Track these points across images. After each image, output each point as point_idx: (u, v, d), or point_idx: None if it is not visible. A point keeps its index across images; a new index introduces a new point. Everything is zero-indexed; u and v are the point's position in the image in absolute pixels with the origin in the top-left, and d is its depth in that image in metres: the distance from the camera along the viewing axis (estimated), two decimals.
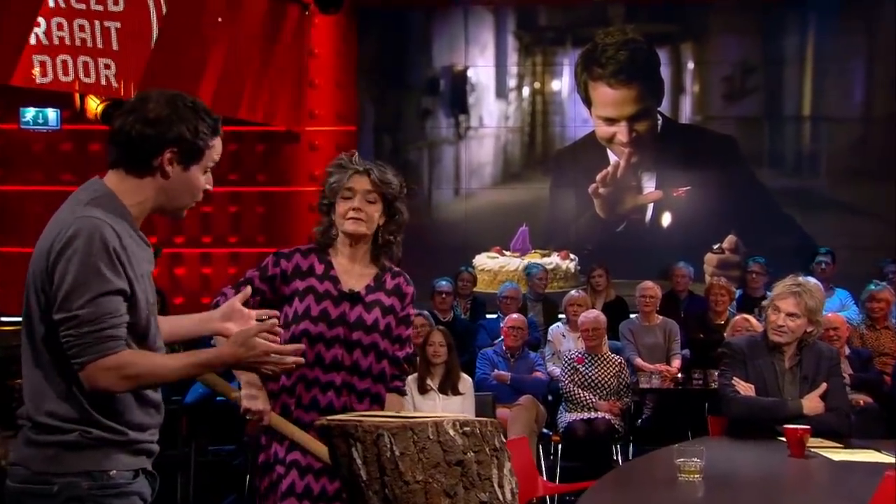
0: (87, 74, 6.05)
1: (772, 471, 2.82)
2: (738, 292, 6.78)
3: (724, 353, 3.56)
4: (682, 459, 2.52)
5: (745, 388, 3.37)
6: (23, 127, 7.41)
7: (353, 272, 2.62)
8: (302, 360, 1.91)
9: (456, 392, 4.79)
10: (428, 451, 1.81)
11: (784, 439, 2.98)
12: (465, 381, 4.87)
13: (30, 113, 7.34)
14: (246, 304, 2.50)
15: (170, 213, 1.92)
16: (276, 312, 1.88)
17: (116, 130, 1.83)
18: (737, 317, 5.28)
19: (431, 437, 1.81)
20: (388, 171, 2.63)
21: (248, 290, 2.30)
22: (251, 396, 2.47)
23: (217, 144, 1.89)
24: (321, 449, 2.28)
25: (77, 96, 7.23)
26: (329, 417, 1.95)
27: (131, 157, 1.82)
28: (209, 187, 1.92)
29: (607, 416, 5.42)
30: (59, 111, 7.40)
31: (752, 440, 3.23)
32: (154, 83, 6.50)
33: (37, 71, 6.02)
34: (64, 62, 5.98)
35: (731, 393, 3.38)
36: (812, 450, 2.96)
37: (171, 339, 2.04)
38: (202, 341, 2.29)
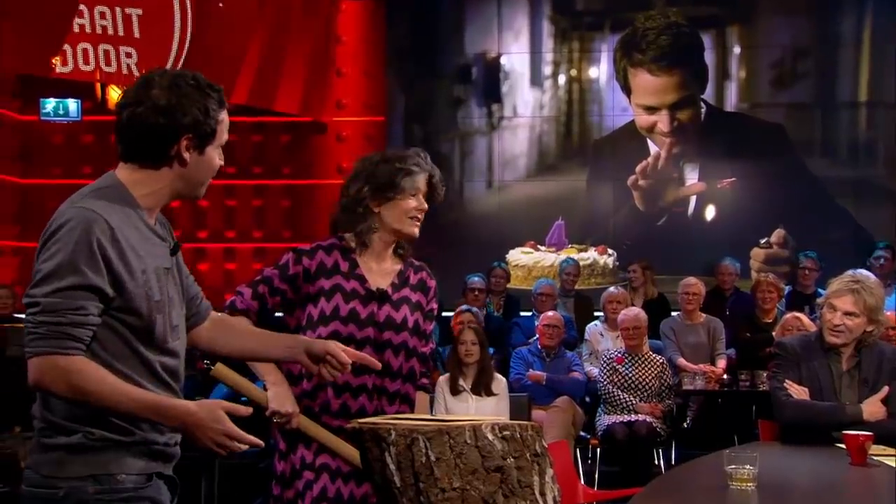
0: (107, 63, 6.09)
1: (831, 480, 2.74)
2: (786, 289, 6.67)
3: (775, 353, 3.47)
4: (733, 466, 2.45)
5: (798, 391, 3.28)
6: (43, 118, 7.49)
7: (378, 270, 2.59)
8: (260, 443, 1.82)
9: (489, 393, 4.77)
10: (465, 457, 1.77)
11: (843, 446, 2.89)
12: (499, 382, 4.86)
13: (50, 104, 7.42)
14: (264, 304, 2.51)
15: (188, 197, 1.90)
16: (249, 410, 1.80)
17: (126, 123, 1.80)
18: (787, 315, 5.18)
19: (469, 441, 1.78)
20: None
21: (378, 364, 2.19)
22: (279, 398, 2.45)
23: (225, 117, 1.86)
24: (351, 452, 2.26)
25: (98, 86, 7.30)
26: (361, 420, 1.92)
27: (146, 149, 1.80)
28: (221, 162, 1.89)
29: (648, 418, 5.38)
30: (79, 102, 7.47)
31: (808, 446, 3.14)
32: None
33: (57, 60, 6.07)
34: (84, 50, 6.03)
35: (783, 396, 3.29)
36: (874, 458, 2.87)
37: (234, 354, 2.00)
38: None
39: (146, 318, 1.77)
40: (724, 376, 5.83)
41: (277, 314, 2.65)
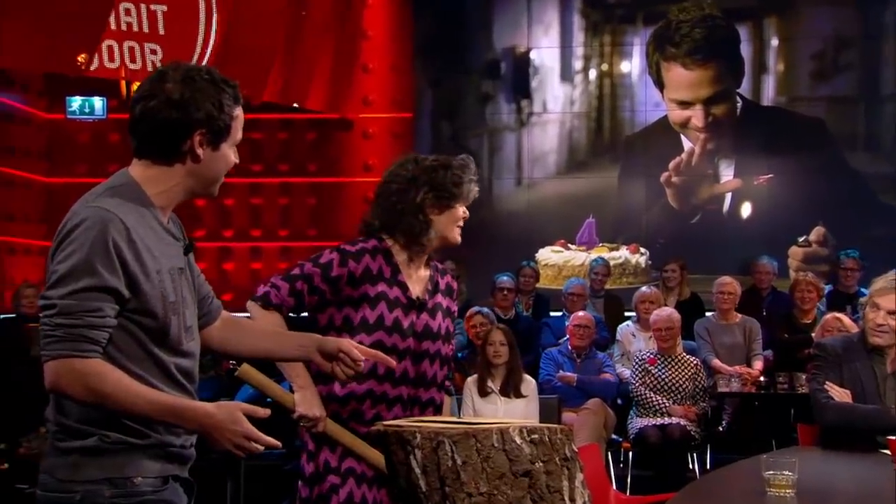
0: (132, 60, 6.14)
1: (875, 487, 2.67)
2: (826, 288, 6.57)
3: (815, 354, 3.42)
4: (771, 472, 2.40)
5: (840, 394, 3.22)
6: (69, 117, 7.58)
7: (415, 277, 2.59)
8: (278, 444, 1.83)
9: (518, 394, 4.76)
10: (492, 461, 1.75)
11: (887, 452, 2.83)
12: (529, 383, 4.84)
13: (76, 102, 7.51)
14: (301, 302, 2.49)
15: (201, 195, 1.89)
16: (267, 412, 1.80)
17: (138, 118, 1.79)
18: (828, 316, 5.10)
19: (496, 445, 1.75)
20: None
21: (393, 362, 2.20)
22: (307, 401, 2.44)
23: (240, 114, 1.85)
24: (377, 456, 2.24)
25: (123, 84, 7.36)
26: (385, 423, 1.91)
27: (158, 144, 1.79)
28: (236, 160, 1.89)
29: (682, 421, 5.33)
30: (105, 100, 7.55)
31: (850, 452, 3.08)
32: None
33: (83, 58, 6.13)
34: (109, 47, 6.08)
35: (824, 399, 3.23)
36: None
37: (249, 354, 1.99)
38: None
39: (161, 320, 1.76)
40: (761, 378, 5.75)
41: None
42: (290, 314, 2.53)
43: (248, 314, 2.50)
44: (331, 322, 2.52)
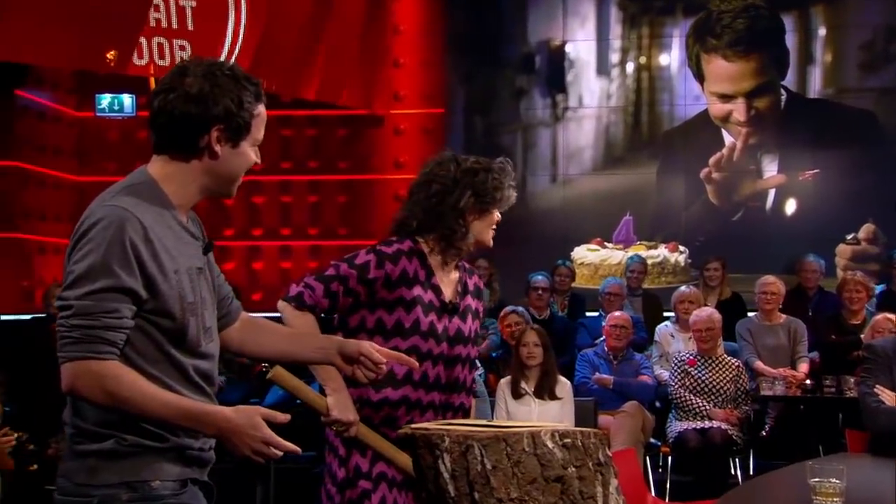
0: (161, 57, 6.18)
1: None
2: (877, 288, 6.44)
3: (864, 356, 3.36)
4: (817, 479, 2.35)
5: (891, 398, 3.15)
6: (98, 115, 7.67)
7: (446, 279, 2.59)
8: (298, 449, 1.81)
9: (553, 397, 4.73)
10: (523, 465, 1.74)
11: None
12: (564, 385, 4.81)
13: (105, 100, 7.60)
14: (335, 303, 2.48)
15: (218, 195, 1.89)
16: (287, 417, 1.78)
17: (156, 111, 1.79)
18: (878, 316, 5.01)
19: (527, 449, 1.74)
20: None
21: (416, 364, 2.17)
22: (340, 405, 2.44)
23: (262, 112, 1.85)
24: (407, 460, 2.23)
25: (152, 81, 7.42)
26: (413, 426, 1.91)
27: (175, 139, 1.79)
28: (259, 160, 1.88)
29: (723, 425, 5.27)
30: (134, 97, 7.63)
31: None
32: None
33: (112, 55, 6.18)
34: (139, 44, 6.12)
35: (874, 403, 3.16)
36: None
37: (264, 355, 1.99)
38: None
39: (179, 320, 1.76)
40: (807, 381, 5.65)
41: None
42: (323, 315, 2.53)
43: (278, 314, 2.50)
44: (362, 324, 2.51)
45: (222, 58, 6.64)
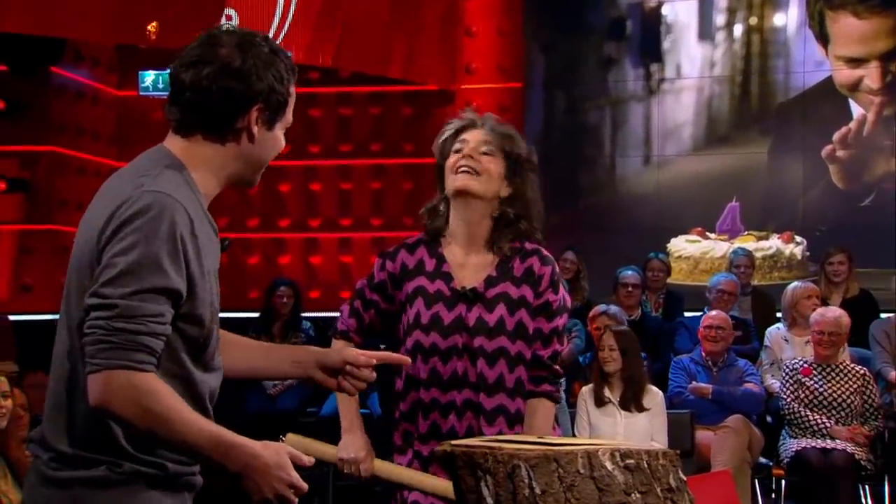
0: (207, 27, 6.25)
1: None
2: None
3: None
4: None
5: None
6: (142, 94, 7.82)
7: (469, 263, 2.56)
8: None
9: (641, 408, 4.72)
10: (578, 490, 1.70)
11: None
12: (653, 395, 4.80)
13: (150, 77, 7.73)
14: (362, 322, 2.60)
15: (242, 184, 1.88)
16: (311, 460, 1.80)
17: (189, 86, 1.76)
18: None
19: (582, 471, 1.70)
20: (508, 127, 2.63)
21: (407, 360, 2.30)
22: (347, 444, 2.52)
23: (294, 92, 1.86)
24: (440, 485, 2.26)
25: None
26: (454, 442, 1.89)
27: (211, 118, 1.78)
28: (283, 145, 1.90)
29: (848, 446, 5.14)
30: None
31: None
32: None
33: (153, 27, 6.28)
34: (181, 14, 6.21)
35: None
36: None
37: (232, 372, 1.95)
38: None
39: (207, 327, 1.76)
40: None
41: None
42: (360, 339, 2.61)
43: (338, 314, 2.67)
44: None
45: (272, 28, 6.70)
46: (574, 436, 4.73)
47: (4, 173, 7.24)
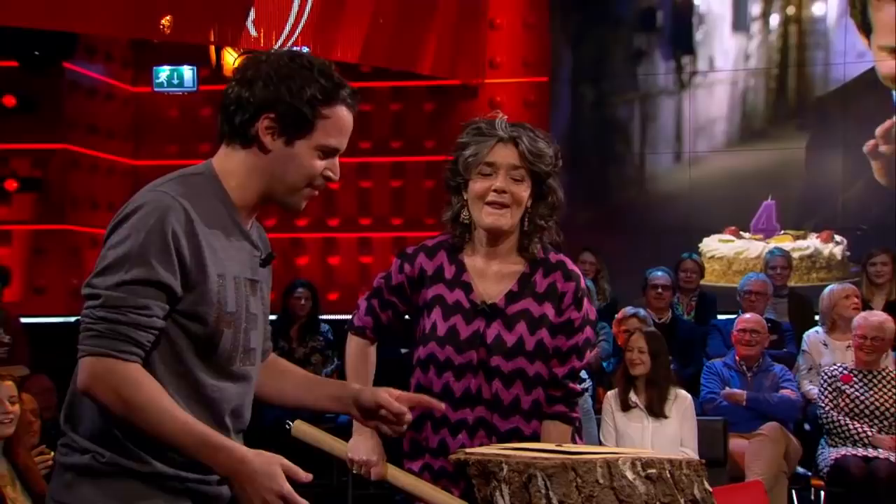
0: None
1: None
2: None
3: None
4: None
5: None
6: (156, 90, 7.86)
7: (491, 274, 2.54)
8: None
9: (668, 413, 4.71)
10: (597, 501, 1.69)
11: None
12: (683, 401, 4.77)
13: (164, 73, 7.77)
14: (378, 321, 2.62)
15: (280, 202, 1.89)
16: (309, 476, 1.79)
17: (223, 97, 1.88)
18: None
19: (602, 480, 1.69)
20: (539, 137, 2.54)
21: (442, 406, 2.23)
22: (358, 445, 2.51)
23: (337, 116, 1.85)
24: (448, 500, 2.26)
25: (213, 50, 7.55)
26: (468, 450, 1.91)
27: (230, 125, 1.86)
28: (333, 175, 1.87)
29: (891, 455, 5.08)
30: (195, 69, 7.78)
31: None
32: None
33: (167, 21, 6.31)
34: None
35: None
36: None
37: (284, 403, 2.07)
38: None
39: (211, 327, 1.79)
40: None
41: None
42: (376, 336, 2.64)
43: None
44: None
45: (289, 23, 6.73)
46: (600, 443, 4.71)
47: (16, 172, 7.30)
